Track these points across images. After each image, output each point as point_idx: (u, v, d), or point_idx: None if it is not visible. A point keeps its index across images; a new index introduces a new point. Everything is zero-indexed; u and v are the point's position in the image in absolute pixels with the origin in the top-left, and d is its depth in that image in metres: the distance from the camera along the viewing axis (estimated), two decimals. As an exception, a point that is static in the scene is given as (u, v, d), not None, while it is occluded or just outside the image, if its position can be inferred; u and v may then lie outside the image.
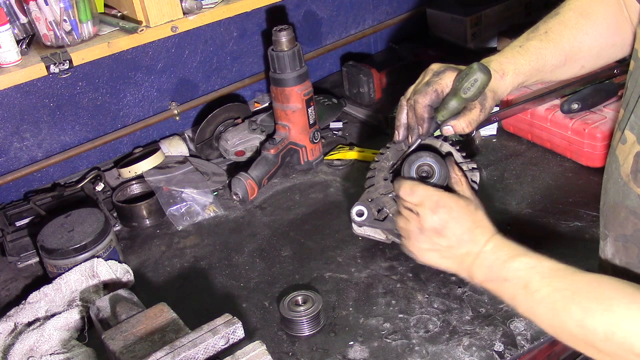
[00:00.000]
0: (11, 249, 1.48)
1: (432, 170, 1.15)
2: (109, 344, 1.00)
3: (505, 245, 1.01)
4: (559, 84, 1.57)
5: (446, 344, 1.13)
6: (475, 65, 1.08)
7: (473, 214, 1.06)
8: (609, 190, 1.01)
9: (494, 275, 0.99)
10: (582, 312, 0.85)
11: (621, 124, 0.98)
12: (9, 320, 1.22)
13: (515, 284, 0.95)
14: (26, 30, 1.56)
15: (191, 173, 1.64)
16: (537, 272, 0.93)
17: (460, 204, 1.07)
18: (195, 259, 1.44)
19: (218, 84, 1.96)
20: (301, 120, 1.63)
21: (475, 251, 1.03)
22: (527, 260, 0.96)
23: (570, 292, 0.87)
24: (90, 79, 1.72)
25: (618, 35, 1.16)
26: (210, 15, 1.61)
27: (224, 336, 0.96)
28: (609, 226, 1.03)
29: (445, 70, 1.16)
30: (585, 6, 1.17)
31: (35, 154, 1.71)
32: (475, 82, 1.07)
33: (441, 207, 1.06)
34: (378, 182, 1.24)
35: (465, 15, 2.13)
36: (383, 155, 1.26)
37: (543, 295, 0.90)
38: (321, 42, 2.13)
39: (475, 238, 1.04)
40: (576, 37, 1.15)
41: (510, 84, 1.16)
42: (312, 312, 1.17)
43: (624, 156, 0.96)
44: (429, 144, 1.21)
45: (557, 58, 1.16)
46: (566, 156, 1.56)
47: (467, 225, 1.05)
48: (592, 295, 0.86)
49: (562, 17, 1.17)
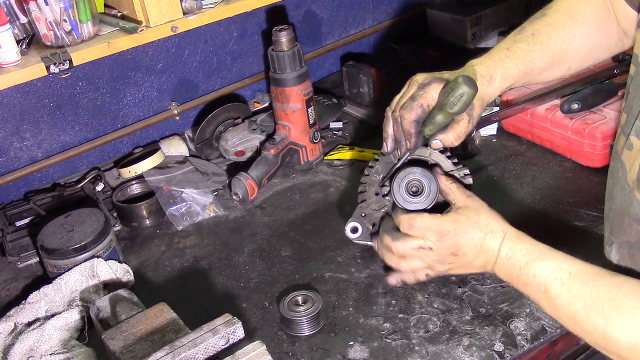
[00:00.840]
0: (11, 249, 1.48)
1: (421, 185, 1.14)
2: (109, 344, 1.00)
3: (520, 247, 1.00)
4: (558, 83, 1.57)
5: (446, 344, 1.13)
6: (460, 79, 1.04)
7: (477, 222, 1.05)
8: (616, 197, 1.00)
9: (514, 280, 1.00)
10: (604, 322, 0.84)
11: (625, 128, 0.96)
12: (9, 320, 1.22)
13: (536, 289, 0.95)
14: (26, 30, 1.56)
15: (191, 173, 1.64)
16: (556, 277, 0.92)
17: (461, 221, 1.06)
18: (195, 259, 1.44)
19: (218, 84, 1.96)
20: (301, 120, 1.63)
21: (491, 260, 1.03)
22: (544, 265, 0.95)
23: (592, 300, 0.86)
24: (90, 79, 1.72)
25: (604, 36, 1.15)
26: (210, 15, 1.61)
27: (224, 336, 0.96)
28: (614, 232, 1.03)
29: (430, 83, 1.12)
30: (572, 7, 1.15)
31: (35, 154, 1.71)
32: (462, 96, 1.05)
33: (444, 234, 1.06)
34: (370, 198, 1.24)
35: (465, 15, 2.13)
36: (373, 169, 1.24)
37: (564, 302, 0.90)
38: (321, 42, 2.13)
39: (488, 247, 1.03)
40: (564, 39, 1.14)
41: (499, 88, 1.15)
42: (312, 312, 1.17)
43: (630, 162, 0.95)
44: (418, 154, 1.20)
45: (544, 60, 1.15)
46: (566, 156, 1.56)
47: (477, 238, 1.04)
48: (614, 303, 0.84)
49: (549, 19, 1.16)
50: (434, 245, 1.07)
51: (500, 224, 1.04)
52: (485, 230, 1.04)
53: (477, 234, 1.04)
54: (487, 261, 1.04)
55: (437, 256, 1.08)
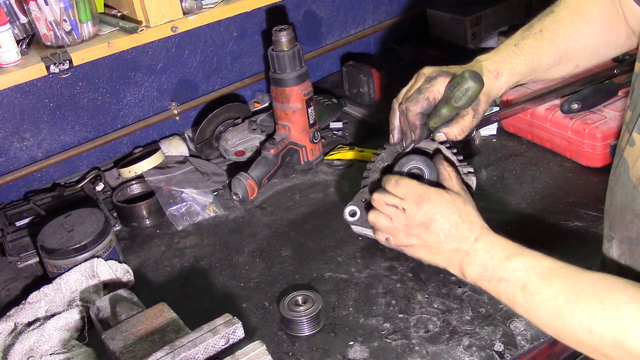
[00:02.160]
0: (11, 249, 1.48)
1: (422, 172, 1.15)
2: (109, 344, 1.00)
3: (498, 243, 0.99)
4: (558, 83, 1.57)
5: (446, 344, 1.13)
6: (466, 74, 1.05)
7: (460, 208, 1.04)
8: (617, 193, 1.00)
9: (489, 274, 0.97)
10: (589, 317, 0.82)
11: (629, 125, 0.96)
12: (9, 320, 1.22)
13: (512, 285, 0.92)
14: (26, 30, 1.56)
15: (191, 173, 1.64)
16: (536, 272, 0.90)
17: (445, 197, 1.05)
18: (195, 259, 1.44)
19: (218, 84, 1.96)
20: (301, 120, 1.63)
21: (464, 248, 1.01)
22: (524, 260, 0.93)
23: (574, 295, 0.85)
24: (90, 79, 1.72)
25: (612, 34, 1.15)
26: (210, 15, 1.61)
27: (224, 336, 0.96)
28: (614, 228, 1.02)
29: (437, 76, 1.13)
30: (580, 5, 1.16)
31: (35, 154, 1.71)
32: (467, 91, 1.06)
33: (425, 201, 1.04)
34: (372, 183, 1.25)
35: (465, 15, 2.13)
36: (379, 157, 1.26)
37: (544, 298, 0.88)
38: (321, 42, 2.13)
39: (462, 234, 1.02)
40: (571, 36, 1.15)
41: (505, 84, 1.15)
42: (312, 312, 1.17)
43: (633, 159, 0.94)
44: (424, 147, 1.21)
45: (552, 57, 1.15)
46: (566, 156, 1.56)
47: (454, 220, 1.03)
48: (597, 298, 0.83)
49: (557, 16, 1.16)
50: (409, 207, 1.06)
51: (481, 221, 1.03)
52: (465, 218, 1.03)
53: (455, 216, 1.03)
54: (457, 249, 1.02)
55: (406, 221, 1.06)
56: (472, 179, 1.20)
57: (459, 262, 1.02)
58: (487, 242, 0.99)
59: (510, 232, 1.35)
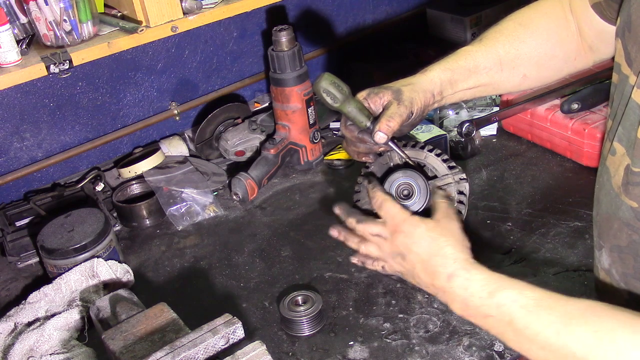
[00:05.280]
0: (11, 249, 1.48)
1: (412, 189, 1.14)
2: (109, 344, 1.00)
3: (475, 279, 0.92)
4: (559, 84, 1.57)
5: (446, 344, 1.13)
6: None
7: (434, 239, 0.98)
8: (602, 201, 1.00)
9: (472, 312, 0.91)
10: (584, 348, 0.78)
11: (610, 134, 0.97)
12: (9, 320, 1.22)
13: (499, 320, 0.87)
14: (26, 30, 1.56)
15: (191, 173, 1.64)
16: (521, 306, 0.85)
17: (420, 227, 1.00)
18: (195, 259, 1.44)
19: (218, 84, 1.96)
20: (301, 120, 1.63)
21: (439, 285, 0.96)
22: (507, 294, 0.87)
23: (563, 325, 0.80)
24: (90, 79, 1.72)
25: (560, 48, 1.16)
26: (210, 15, 1.61)
27: (224, 336, 0.96)
28: (603, 236, 1.01)
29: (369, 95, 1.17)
30: (524, 17, 1.19)
31: (35, 154, 1.71)
32: (321, 90, 1.10)
33: (399, 232, 1.01)
34: (363, 198, 1.24)
35: (465, 15, 2.13)
36: (369, 169, 1.25)
37: (534, 332, 0.83)
38: (321, 42, 2.13)
39: (435, 269, 0.97)
40: (512, 44, 1.16)
41: (438, 77, 1.15)
42: (312, 312, 1.17)
43: (614, 168, 0.95)
44: (413, 157, 1.19)
45: (490, 61, 1.16)
46: (566, 156, 1.56)
47: (426, 253, 0.98)
48: (590, 327, 0.79)
49: (499, 27, 1.20)
50: (390, 236, 1.03)
51: (456, 252, 0.97)
52: (437, 251, 0.98)
53: (427, 249, 0.98)
54: (433, 284, 0.97)
55: (390, 250, 1.04)
56: (465, 186, 1.17)
57: (439, 295, 0.98)
58: (464, 278, 0.93)
59: (510, 232, 1.36)
